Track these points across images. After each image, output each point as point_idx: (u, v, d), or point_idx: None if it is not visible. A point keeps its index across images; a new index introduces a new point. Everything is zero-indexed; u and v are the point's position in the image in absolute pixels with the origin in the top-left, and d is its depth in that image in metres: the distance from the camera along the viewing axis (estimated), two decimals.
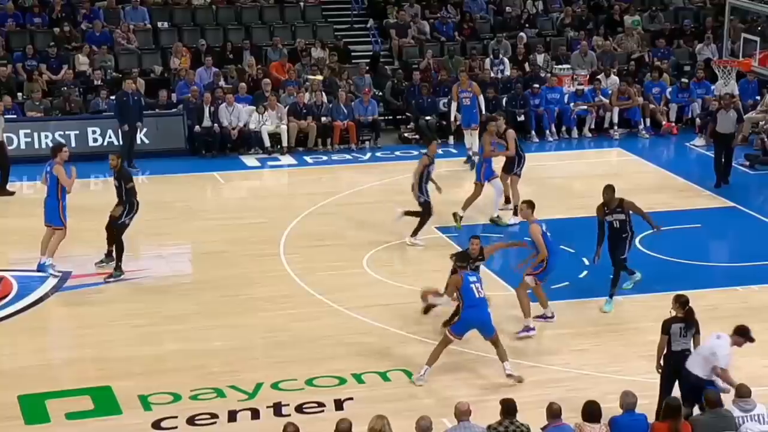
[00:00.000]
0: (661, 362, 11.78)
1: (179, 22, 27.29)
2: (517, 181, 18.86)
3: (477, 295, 12.94)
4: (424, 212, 17.47)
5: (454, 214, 18.26)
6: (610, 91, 25.13)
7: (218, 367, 13.40)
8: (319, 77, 24.87)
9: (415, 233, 17.46)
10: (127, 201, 16.32)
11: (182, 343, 14.15)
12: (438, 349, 13.06)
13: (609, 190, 14.92)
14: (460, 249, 17.13)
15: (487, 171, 18.55)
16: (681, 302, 11.85)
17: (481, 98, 22.62)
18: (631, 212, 14.99)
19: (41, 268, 16.33)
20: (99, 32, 25.86)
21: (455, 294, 13.17)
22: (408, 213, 17.53)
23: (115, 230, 16.40)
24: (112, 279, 16.25)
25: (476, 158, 20.14)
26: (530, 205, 14.56)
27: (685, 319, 11.69)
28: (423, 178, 17.47)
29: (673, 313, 11.78)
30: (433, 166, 17.64)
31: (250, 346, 14.14)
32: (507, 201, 19.07)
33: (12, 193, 20.58)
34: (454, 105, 22.88)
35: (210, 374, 13.20)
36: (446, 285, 13.66)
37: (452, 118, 23.14)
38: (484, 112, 22.61)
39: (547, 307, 14.67)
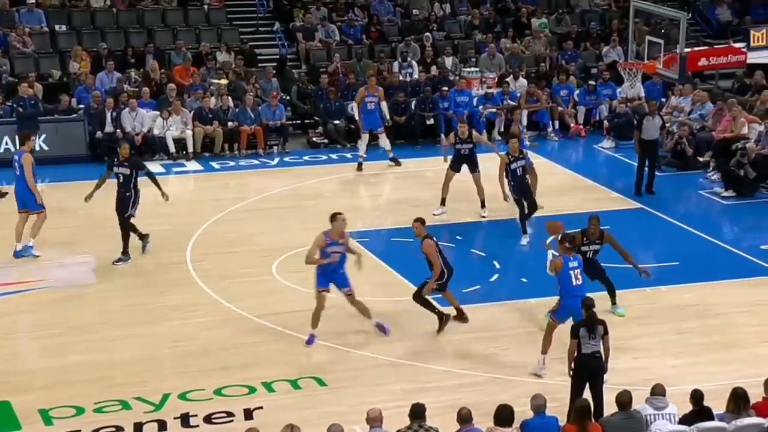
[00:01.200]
0: (572, 366, 11.98)
1: (78, 24, 26.89)
2: (480, 177, 19.18)
3: (573, 282, 12.95)
4: (521, 208, 18.00)
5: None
6: (518, 94, 25.45)
7: (124, 378, 13.25)
8: (224, 81, 24.73)
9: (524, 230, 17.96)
10: (136, 191, 17.18)
11: (86, 355, 13.95)
12: (547, 336, 13.17)
13: (595, 221, 14.85)
14: (370, 253, 17.28)
15: None
16: (585, 305, 12.09)
17: (384, 104, 22.72)
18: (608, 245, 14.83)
19: (18, 254, 16.83)
20: None
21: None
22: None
23: (125, 226, 17.21)
24: (121, 262, 16.97)
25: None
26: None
27: (588, 322, 11.91)
28: (508, 176, 18.00)
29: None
30: (518, 162, 18.00)
31: (157, 356, 14.00)
32: (483, 205, 19.37)
33: None
34: (356, 107, 22.72)
35: (115, 386, 13.04)
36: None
37: (357, 117, 22.98)
38: (387, 117, 22.80)
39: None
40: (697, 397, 10.79)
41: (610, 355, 12.12)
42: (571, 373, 11.99)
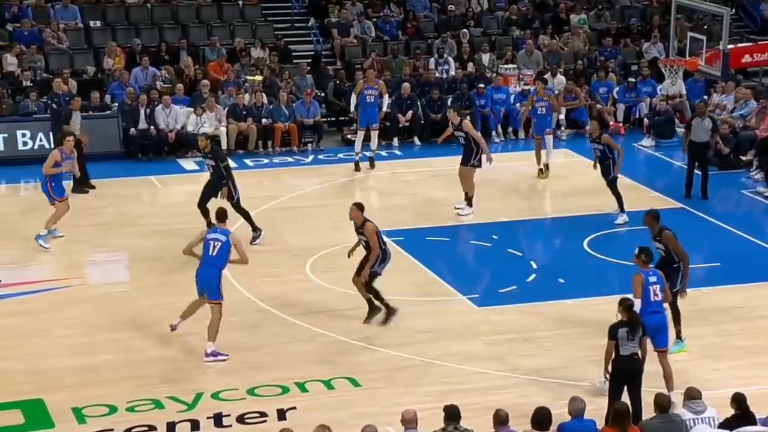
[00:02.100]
0: (609, 368, 11.88)
1: (112, 20, 27.07)
2: (473, 172, 18.97)
3: (652, 298, 12.50)
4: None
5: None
6: (556, 91, 25.30)
7: (156, 378, 13.30)
8: (259, 78, 24.78)
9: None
10: (229, 177, 17.63)
11: (117, 354, 14.00)
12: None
13: (649, 216, 14.20)
14: (404, 251, 17.26)
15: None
16: (625, 306, 11.96)
17: (386, 98, 22.29)
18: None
19: (37, 237, 17.41)
20: (27, 31, 25.54)
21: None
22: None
23: (236, 209, 17.66)
24: (257, 241, 17.67)
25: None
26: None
27: (629, 323, 11.80)
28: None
29: (620, 318, 11.90)
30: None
31: (189, 355, 14.02)
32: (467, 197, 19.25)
33: None
34: (353, 100, 22.35)
35: (147, 385, 13.09)
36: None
37: (352, 109, 22.69)
38: (385, 108, 22.35)
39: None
40: (739, 400, 10.66)
41: (647, 357, 12.02)
42: (608, 375, 11.90)
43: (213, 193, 17.79)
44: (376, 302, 14.82)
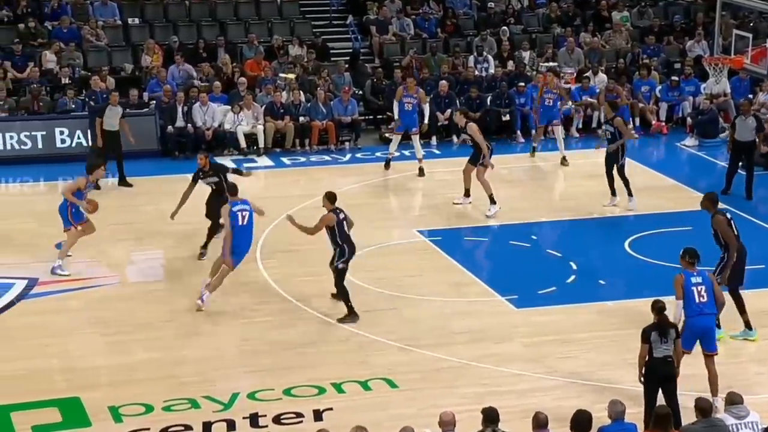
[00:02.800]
0: (643, 371, 11.83)
1: (151, 18, 27.25)
2: (484, 172, 19.04)
3: (697, 300, 12.32)
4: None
5: None
6: (598, 90, 25.20)
7: (192, 377, 13.37)
8: (292, 75, 24.85)
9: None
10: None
11: (154, 353, 14.11)
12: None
13: (706, 199, 14.55)
14: (441, 252, 17.27)
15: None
16: (656, 308, 11.91)
17: (426, 107, 22.30)
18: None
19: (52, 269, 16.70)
20: (66, 28, 25.79)
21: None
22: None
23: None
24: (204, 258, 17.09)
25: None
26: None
27: (660, 325, 11.75)
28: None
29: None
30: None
31: (225, 355, 14.12)
32: (467, 194, 19.27)
33: None
34: (396, 106, 22.29)
35: (183, 384, 13.17)
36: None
37: (396, 117, 22.52)
38: (426, 120, 22.37)
39: None
40: None
41: (682, 360, 11.97)
42: (642, 378, 11.86)
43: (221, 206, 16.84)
44: (342, 302, 14.94)
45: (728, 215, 14.48)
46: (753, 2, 26.10)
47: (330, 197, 15.08)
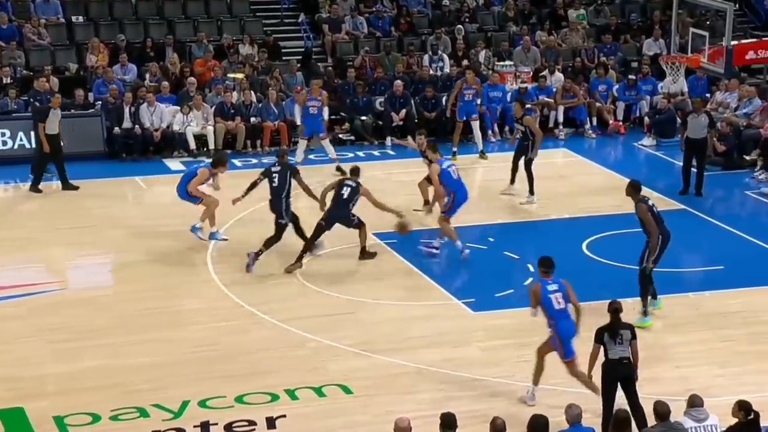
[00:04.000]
0: (592, 370, 12.02)
1: (95, 16, 27.06)
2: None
3: (556, 307, 12.61)
4: None
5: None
6: (554, 89, 25.38)
7: (141, 385, 13.31)
8: (240, 75, 24.80)
9: None
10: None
11: (102, 360, 14.02)
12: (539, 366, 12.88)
13: (629, 186, 15.37)
14: (398, 256, 17.31)
15: None
16: (611, 309, 12.10)
17: (326, 109, 22.24)
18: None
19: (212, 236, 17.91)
20: (6, 26, 25.54)
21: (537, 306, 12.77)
22: None
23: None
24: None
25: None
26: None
27: (612, 327, 11.88)
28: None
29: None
30: None
31: (176, 361, 14.05)
32: (426, 202, 19.21)
33: None
34: (298, 110, 22.38)
35: (132, 392, 13.09)
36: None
37: (298, 122, 22.67)
38: (325, 120, 22.32)
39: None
40: (746, 407, 10.68)
41: (642, 362, 12.09)
42: (592, 376, 12.03)
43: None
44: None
45: (650, 202, 15.05)
46: (709, 1, 26.40)
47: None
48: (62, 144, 21.10)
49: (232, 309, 15.61)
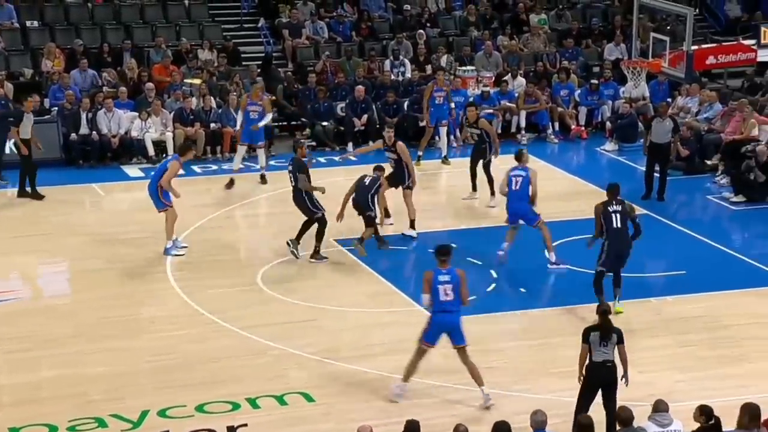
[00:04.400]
0: (583, 372, 11.97)
1: (51, 20, 26.91)
2: (410, 194, 18.86)
3: (441, 297, 12.81)
4: None
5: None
6: (516, 94, 25.49)
7: (100, 395, 13.23)
8: (197, 81, 24.71)
9: None
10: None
11: (59, 370, 13.93)
12: (414, 362, 13.05)
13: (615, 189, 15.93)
14: (360, 262, 17.33)
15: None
16: (600, 311, 12.12)
17: (269, 116, 22.02)
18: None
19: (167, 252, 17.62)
20: None
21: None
22: None
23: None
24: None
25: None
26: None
27: (601, 328, 11.93)
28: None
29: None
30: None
31: (135, 370, 13.98)
32: (386, 215, 19.07)
33: None
34: (240, 116, 21.95)
35: (90, 402, 13.02)
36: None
37: (238, 127, 22.20)
38: (265, 122, 21.87)
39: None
40: (707, 412, 10.78)
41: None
42: (582, 378, 11.98)
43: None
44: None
45: (611, 208, 15.51)
46: (670, 5, 26.64)
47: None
48: (39, 148, 20.96)
49: (193, 317, 15.55)
